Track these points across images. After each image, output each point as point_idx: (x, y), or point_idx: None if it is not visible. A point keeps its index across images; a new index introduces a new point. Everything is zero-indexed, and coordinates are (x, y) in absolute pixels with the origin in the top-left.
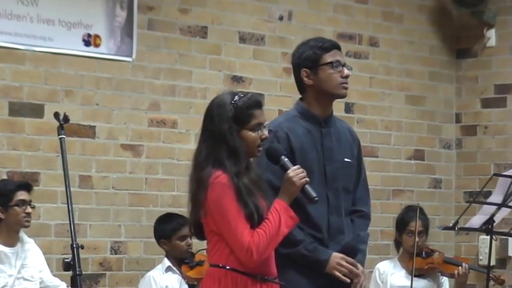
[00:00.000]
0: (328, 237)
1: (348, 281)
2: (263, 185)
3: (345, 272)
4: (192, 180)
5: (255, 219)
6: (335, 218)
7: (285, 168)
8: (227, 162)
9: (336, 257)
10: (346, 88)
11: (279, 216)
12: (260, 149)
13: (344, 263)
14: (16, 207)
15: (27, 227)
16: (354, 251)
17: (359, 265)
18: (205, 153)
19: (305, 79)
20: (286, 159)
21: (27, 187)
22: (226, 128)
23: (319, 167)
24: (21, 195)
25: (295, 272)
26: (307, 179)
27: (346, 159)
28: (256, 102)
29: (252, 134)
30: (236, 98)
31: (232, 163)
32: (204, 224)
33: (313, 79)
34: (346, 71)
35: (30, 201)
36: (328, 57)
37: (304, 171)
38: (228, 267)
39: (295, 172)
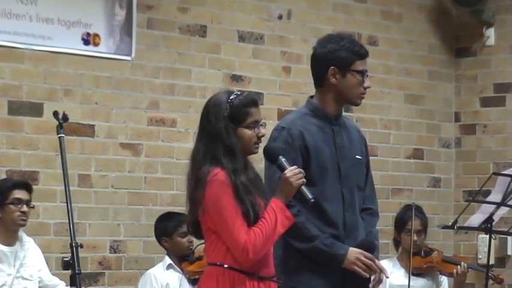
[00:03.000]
0: (345, 234)
1: (368, 276)
2: (261, 184)
3: (364, 268)
4: (190, 178)
5: (251, 217)
6: (350, 214)
7: (282, 168)
8: (224, 160)
9: (355, 252)
10: (363, 98)
11: (276, 216)
12: (257, 146)
13: (363, 258)
14: (11, 206)
15: (22, 225)
16: (371, 246)
17: (377, 260)
18: (202, 152)
19: (331, 77)
20: (283, 159)
21: (25, 186)
22: (222, 126)
23: (333, 164)
24: (18, 193)
25: (310, 271)
26: (304, 180)
27: (357, 157)
28: (252, 101)
29: (248, 132)
30: (232, 96)
31: (228, 160)
32: (201, 222)
33: (339, 80)
34: (368, 83)
35: (28, 200)
36: (360, 66)
37: (302, 171)
38: (225, 266)
39: (293, 172)
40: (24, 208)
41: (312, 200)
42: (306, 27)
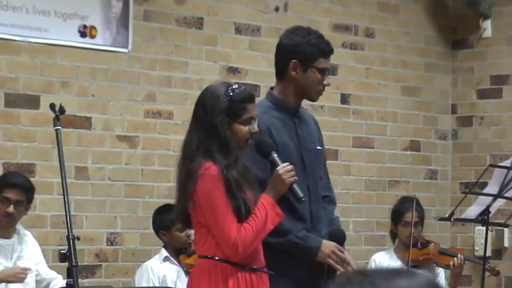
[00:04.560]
0: (311, 226)
1: (341, 269)
2: (249, 176)
3: (337, 261)
4: (181, 169)
5: (242, 214)
6: (315, 206)
7: (274, 164)
8: (217, 155)
9: (329, 244)
10: (320, 95)
11: (266, 212)
12: (248, 142)
13: (337, 252)
14: None
15: (6, 226)
16: (343, 236)
17: (347, 253)
18: (196, 144)
19: (291, 70)
20: (276, 154)
21: (21, 186)
22: (218, 121)
23: (298, 157)
24: (8, 193)
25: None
26: (296, 177)
27: (317, 147)
28: (249, 96)
29: (243, 128)
30: (230, 90)
31: (222, 156)
32: (191, 216)
33: (299, 74)
34: (328, 80)
35: (18, 201)
36: (322, 63)
37: (294, 168)
38: (216, 258)
39: (286, 169)
40: (11, 209)
41: (303, 199)
42: (302, 19)
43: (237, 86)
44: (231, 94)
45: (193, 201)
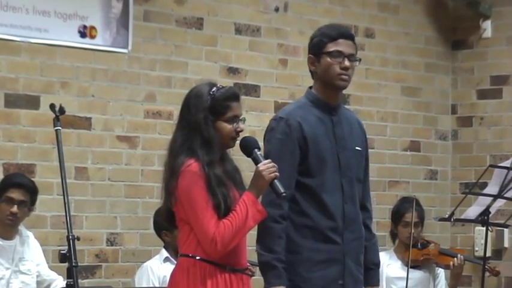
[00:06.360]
0: (343, 226)
1: None
2: (238, 176)
3: None
4: (166, 168)
5: (221, 210)
6: (349, 206)
7: (256, 162)
8: (200, 152)
9: None
10: (344, 80)
11: (247, 209)
12: (235, 140)
13: None
14: (3, 204)
15: (9, 225)
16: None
17: None
18: (180, 142)
19: (310, 65)
20: (259, 152)
21: (25, 186)
22: (201, 118)
23: (333, 155)
24: (12, 193)
25: (308, 264)
26: (277, 173)
27: (357, 148)
28: (233, 95)
29: (227, 126)
30: (214, 89)
31: (204, 152)
32: (175, 213)
33: (317, 66)
34: (346, 63)
35: (22, 201)
36: (331, 47)
37: (275, 165)
38: (197, 257)
39: (266, 166)
40: (14, 209)
41: (284, 195)
42: (302, 19)
43: (221, 86)
44: (214, 93)
45: (175, 197)
